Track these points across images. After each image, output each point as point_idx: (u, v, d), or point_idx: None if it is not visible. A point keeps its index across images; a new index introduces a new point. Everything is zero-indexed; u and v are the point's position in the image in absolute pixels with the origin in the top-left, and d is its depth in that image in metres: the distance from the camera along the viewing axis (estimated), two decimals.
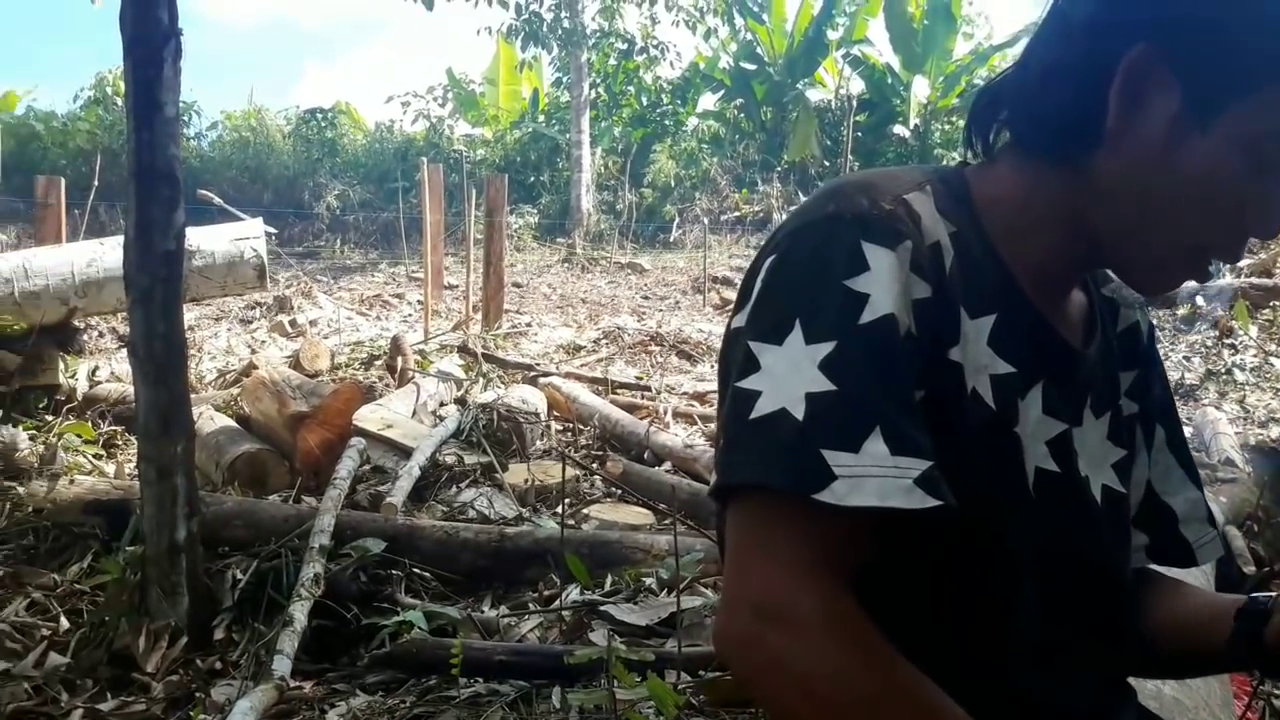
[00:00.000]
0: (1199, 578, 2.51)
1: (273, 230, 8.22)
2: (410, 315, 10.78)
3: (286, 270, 13.37)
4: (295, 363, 6.75)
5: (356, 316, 10.26)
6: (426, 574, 3.42)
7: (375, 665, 2.84)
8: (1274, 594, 1.05)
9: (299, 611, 2.93)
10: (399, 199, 15.96)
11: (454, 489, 4.59)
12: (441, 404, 5.77)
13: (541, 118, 21.98)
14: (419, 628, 2.95)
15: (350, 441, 4.54)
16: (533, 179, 20.40)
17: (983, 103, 1.05)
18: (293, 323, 8.96)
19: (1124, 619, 1.12)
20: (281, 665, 2.68)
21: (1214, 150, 0.90)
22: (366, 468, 4.54)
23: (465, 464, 4.80)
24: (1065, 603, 1.02)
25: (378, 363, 7.12)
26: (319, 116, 21.15)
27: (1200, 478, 1.22)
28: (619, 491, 4.58)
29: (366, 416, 4.89)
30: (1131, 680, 1.18)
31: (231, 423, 5.16)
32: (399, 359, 6.54)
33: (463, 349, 7.24)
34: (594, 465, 5.03)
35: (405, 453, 4.69)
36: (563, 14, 18.18)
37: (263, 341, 8.27)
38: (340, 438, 4.67)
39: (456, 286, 11.50)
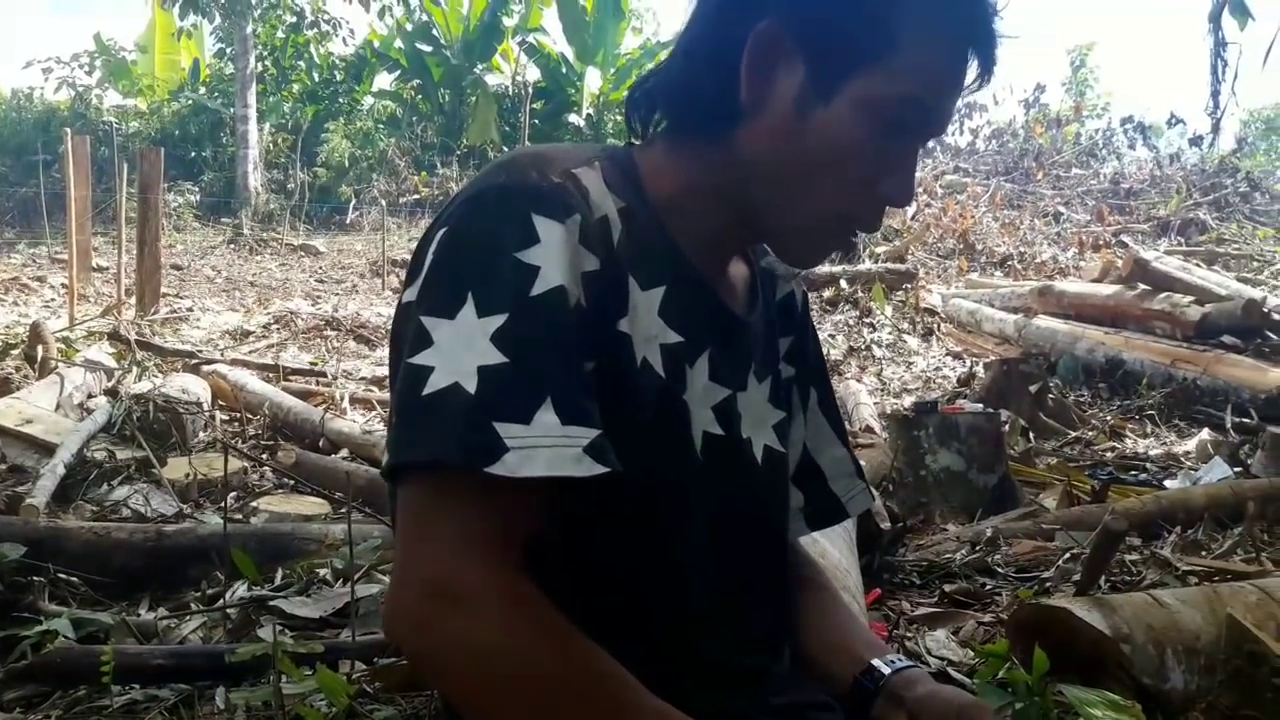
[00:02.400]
0: (841, 534, 2.73)
1: None
2: (53, 300, 9.87)
3: None
4: None
5: None
6: (75, 579, 3.16)
7: (13, 680, 2.59)
8: (890, 667, 1.10)
9: None
10: (40, 173, 14.56)
11: (105, 487, 4.27)
12: (90, 396, 5.36)
13: (203, 90, 20.68)
14: (65, 636, 2.72)
15: None
16: (194, 154, 19.18)
17: (639, 90, 1.08)
18: None
19: (783, 581, 1.19)
20: None
21: (840, 119, 0.95)
22: (3, 467, 4.15)
23: (118, 460, 4.47)
24: (731, 563, 1.06)
25: (14, 352, 6.47)
26: None
27: (847, 436, 1.30)
28: (292, 482, 4.42)
29: (1, 412, 4.45)
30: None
31: None
32: (39, 348, 6.00)
33: (114, 336, 6.74)
34: (263, 455, 4.82)
35: (48, 450, 4.31)
36: None
37: None
38: None
39: (107, 269, 10.67)
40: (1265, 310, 7.43)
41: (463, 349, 0.86)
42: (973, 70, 1.00)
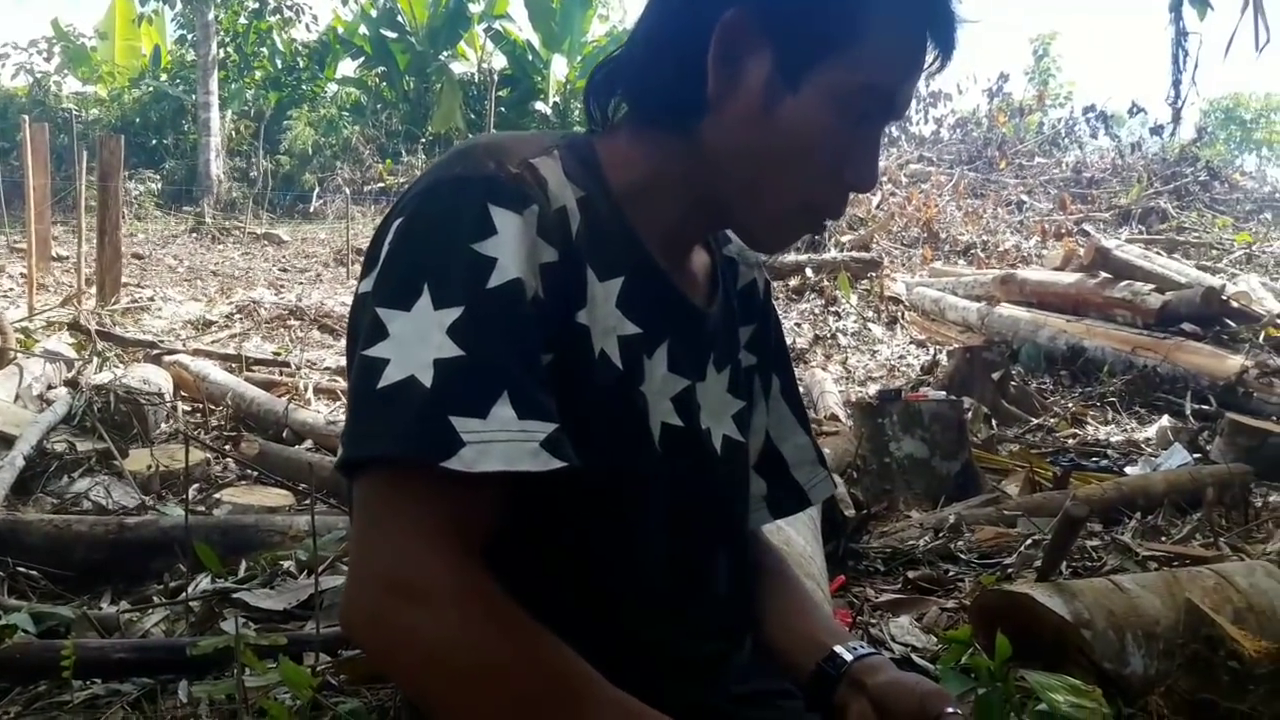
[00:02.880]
0: (806, 521, 2.75)
1: None
2: (12, 290, 9.72)
3: None
4: None
5: None
6: (35, 572, 3.13)
7: None
8: (852, 653, 1.10)
9: None
10: None
11: (66, 479, 4.21)
12: (50, 387, 5.29)
13: (164, 77, 20.43)
14: (25, 631, 2.69)
15: None
16: (155, 142, 18.98)
17: (599, 76, 1.07)
18: None
19: (744, 569, 1.19)
20: None
21: (808, 108, 0.95)
22: None
23: (78, 451, 4.41)
24: (691, 553, 1.07)
25: None
26: None
27: (810, 424, 1.30)
28: (255, 473, 4.38)
29: None
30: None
31: None
32: None
33: (74, 326, 6.67)
34: (226, 447, 4.78)
35: (7, 442, 4.25)
36: None
37: None
38: None
39: (67, 258, 10.51)
40: (1224, 298, 7.53)
41: (418, 342, 0.85)
42: (932, 53, 1.00)
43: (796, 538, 2.55)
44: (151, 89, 19.85)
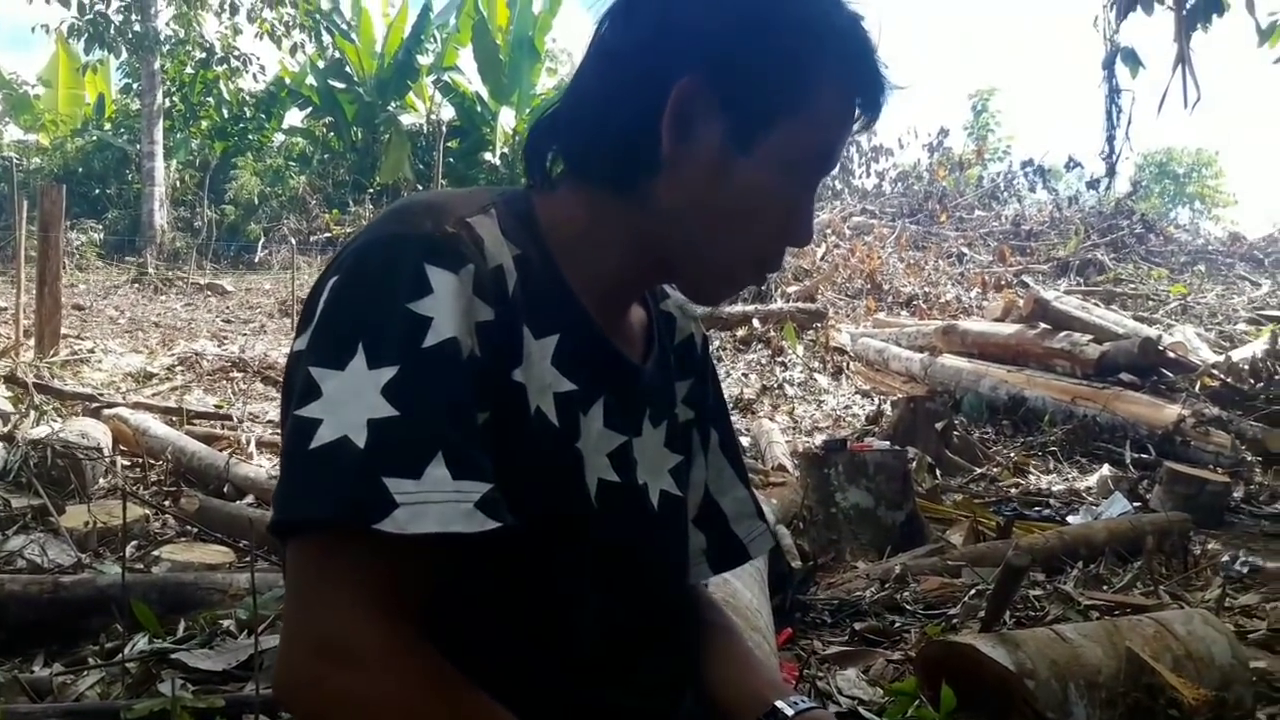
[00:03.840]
0: (752, 573, 2.75)
1: None
2: None
3: None
4: None
5: None
6: None
7: None
8: (793, 708, 1.11)
9: None
10: None
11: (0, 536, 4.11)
12: None
13: (108, 126, 20.25)
14: None
15: None
16: (98, 191, 18.77)
17: (539, 132, 1.08)
18: None
19: (684, 625, 1.19)
20: None
21: (758, 169, 0.99)
22: None
23: (13, 507, 4.32)
24: (628, 610, 1.06)
25: None
26: None
27: (748, 476, 1.31)
28: (195, 530, 4.30)
29: None
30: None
31: None
32: None
33: (10, 379, 6.52)
34: (165, 502, 4.69)
35: None
36: (133, 16, 16.83)
37: None
38: None
39: (5, 309, 10.32)
40: (1161, 348, 7.69)
41: (352, 401, 0.85)
42: (860, 114, 1.05)
43: (743, 590, 2.55)
44: (95, 138, 19.67)
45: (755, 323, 10.25)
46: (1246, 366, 7.61)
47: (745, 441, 6.63)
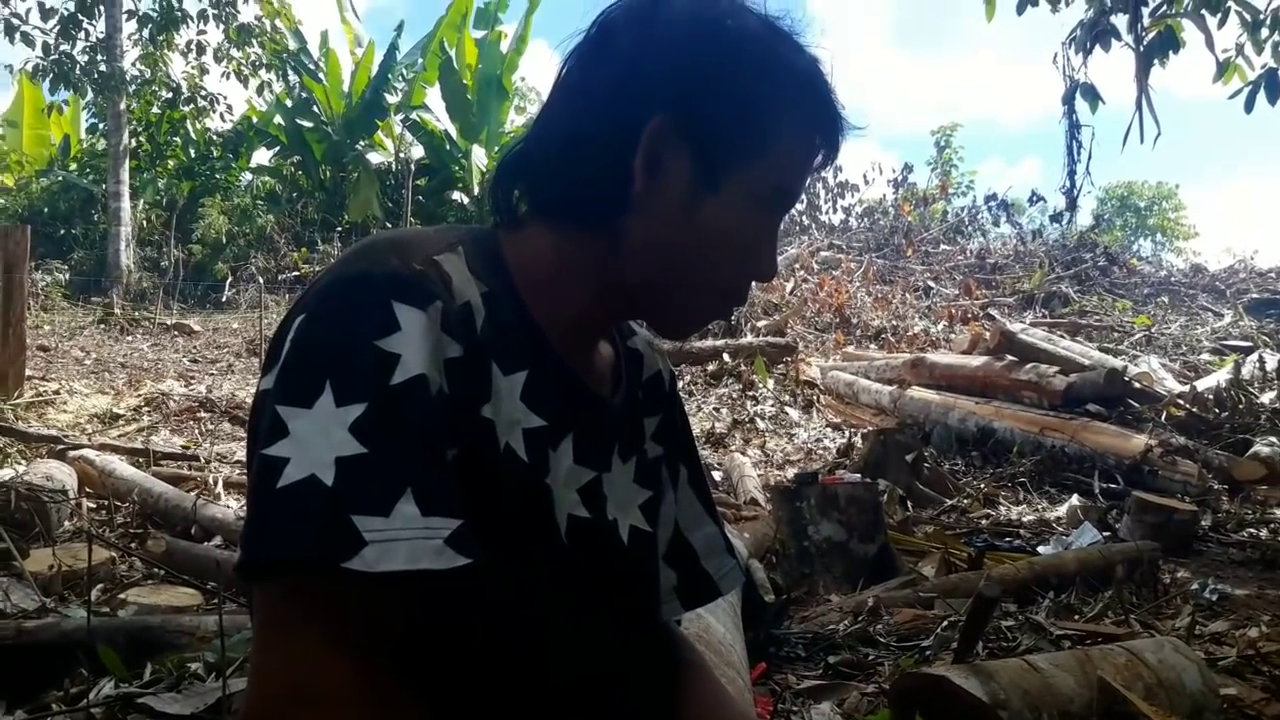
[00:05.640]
0: (726, 609, 2.74)
1: None
2: None
3: None
4: None
5: None
6: None
7: None
8: None
9: None
10: None
11: None
12: None
13: (74, 166, 20.14)
14: None
15: None
16: (63, 232, 18.61)
17: (506, 171, 1.09)
18: None
19: (654, 662, 1.18)
20: None
21: (727, 207, 1.01)
22: None
23: None
24: (600, 647, 1.06)
25: None
26: None
27: (717, 512, 1.31)
28: (162, 572, 4.25)
29: None
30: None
31: None
32: None
33: None
34: (132, 544, 4.63)
35: None
36: (99, 57, 16.77)
37: None
38: None
39: None
40: (1127, 379, 7.78)
41: (320, 439, 0.84)
42: (820, 153, 1.08)
43: (716, 625, 2.55)
44: (60, 178, 19.53)
45: (726, 357, 10.29)
46: (1211, 396, 7.70)
47: (717, 475, 6.64)
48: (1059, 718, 2.28)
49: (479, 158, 19.87)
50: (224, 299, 17.35)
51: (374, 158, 20.01)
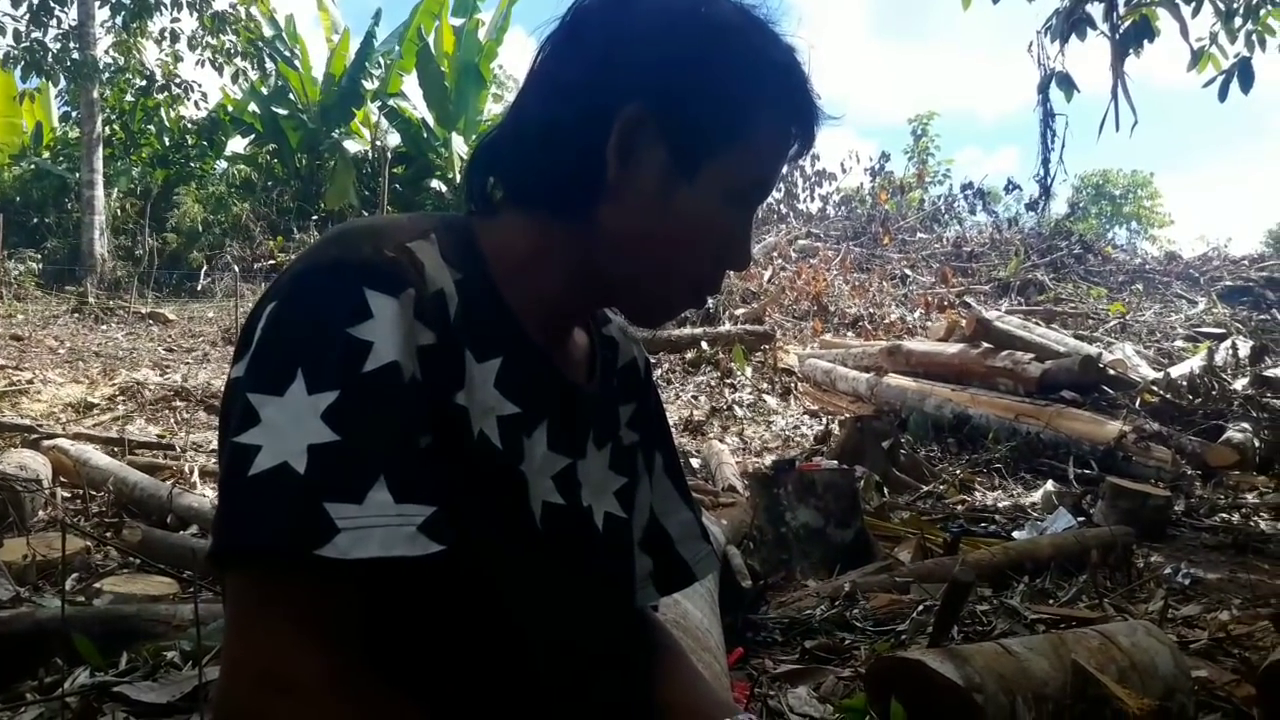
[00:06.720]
0: (703, 594, 2.75)
1: None
2: None
3: None
4: None
5: None
6: None
7: None
8: None
9: None
10: None
11: None
12: None
13: (47, 154, 19.94)
14: None
15: None
16: (36, 220, 18.45)
17: (480, 158, 1.09)
18: None
19: (630, 648, 1.19)
20: None
21: (702, 196, 1.00)
22: None
23: None
24: (575, 633, 1.06)
25: None
26: None
27: (693, 498, 1.32)
28: (138, 561, 4.23)
29: None
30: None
31: None
32: None
33: None
34: (107, 534, 4.61)
35: None
36: (72, 44, 16.58)
37: None
38: None
39: None
40: (1101, 366, 7.83)
41: (291, 427, 0.83)
42: (795, 142, 1.08)
43: (694, 611, 2.55)
44: (33, 166, 19.36)
45: (704, 345, 10.30)
46: (1185, 383, 7.77)
47: (695, 463, 6.66)
48: (1033, 701, 2.30)
49: (457, 146, 19.80)
50: (199, 288, 17.24)
51: (351, 146, 19.91)
